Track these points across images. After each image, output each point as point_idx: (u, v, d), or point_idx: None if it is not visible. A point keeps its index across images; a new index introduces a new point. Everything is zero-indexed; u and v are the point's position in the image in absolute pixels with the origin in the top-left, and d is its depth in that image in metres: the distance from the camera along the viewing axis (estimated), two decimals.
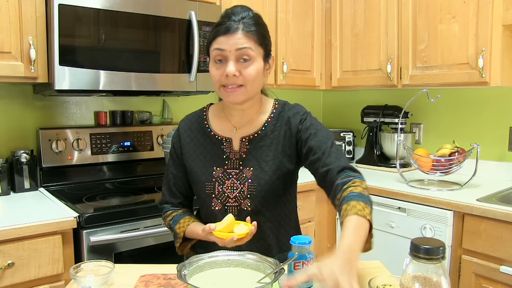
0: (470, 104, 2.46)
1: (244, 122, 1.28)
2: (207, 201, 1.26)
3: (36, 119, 2.14)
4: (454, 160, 2.07)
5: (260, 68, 1.19)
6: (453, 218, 1.86)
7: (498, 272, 1.70)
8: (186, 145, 1.31)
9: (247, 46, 1.15)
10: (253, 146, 1.26)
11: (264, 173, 1.23)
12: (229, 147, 1.27)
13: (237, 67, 1.16)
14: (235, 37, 1.15)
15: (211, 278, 0.99)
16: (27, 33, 1.74)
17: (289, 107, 1.30)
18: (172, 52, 2.07)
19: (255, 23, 1.18)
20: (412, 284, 0.83)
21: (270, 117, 1.28)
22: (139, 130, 2.36)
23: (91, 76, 1.83)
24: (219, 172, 1.25)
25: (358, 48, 2.58)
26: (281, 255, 1.29)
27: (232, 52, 1.15)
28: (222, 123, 1.30)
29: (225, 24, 1.16)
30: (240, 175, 1.24)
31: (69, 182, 2.15)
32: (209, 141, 1.29)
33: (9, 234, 1.45)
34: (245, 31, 1.16)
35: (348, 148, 2.94)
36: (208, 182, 1.25)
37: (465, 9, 2.06)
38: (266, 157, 1.24)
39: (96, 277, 1.05)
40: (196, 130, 1.32)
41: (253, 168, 1.24)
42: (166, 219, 1.36)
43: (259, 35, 1.19)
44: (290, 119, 1.26)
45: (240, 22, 1.16)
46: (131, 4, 1.91)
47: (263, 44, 1.21)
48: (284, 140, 1.25)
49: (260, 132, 1.27)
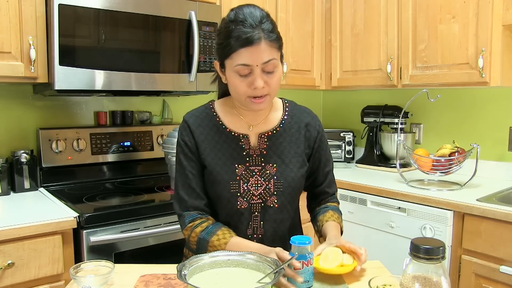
0: (470, 104, 2.46)
1: (258, 120, 1.27)
2: (231, 200, 1.20)
3: (36, 119, 2.14)
4: (454, 160, 2.07)
5: (281, 73, 1.20)
6: (453, 218, 1.86)
7: (498, 272, 1.70)
8: (201, 143, 1.23)
9: (272, 58, 1.12)
10: (272, 143, 1.25)
11: (290, 170, 1.24)
12: (247, 143, 1.24)
13: (263, 78, 1.13)
14: (259, 49, 1.10)
15: (211, 278, 0.99)
16: (27, 33, 1.74)
17: (302, 107, 1.35)
18: (172, 52, 2.07)
19: (273, 28, 1.14)
20: (412, 284, 0.83)
21: (284, 114, 1.30)
22: (139, 130, 2.36)
23: (91, 76, 1.83)
24: (241, 170, 1.22)
25: (358, 48, 2.58)
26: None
27: (259, 66, 1.11)
28: (235, 120, 1.26)
29: (244, 34, 1.08)
30: (263, 172, 1.22)
31: (69, 182, 2.15)
32: (225, 138, 1.24)
33: (9, 234, 1.45)
34: (268, 40, 1.11)
35: (348, 148, 2.94)
36: (233, 181, 1.20)
37: (465, 9, 2.06)
38: (288, 154, 1.25)
39: (96, 277, 1.05)
40: (207, 127, 1.25)
41: (276, 165, 1.23)
42: (192, 230, 1.20)
43: (278, 39, 1.16)
44: (310, 122, 1.31)
45: (259, 29, 1.10)
46: (131, 4, 1.91)
47: (281, 48, 1.19)
48: (305, 139, 1.29)
49: (279, 129, 1.27)
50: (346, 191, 2.29)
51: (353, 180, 2.29)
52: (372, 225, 2.16)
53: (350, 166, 2.83)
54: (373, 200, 2.16)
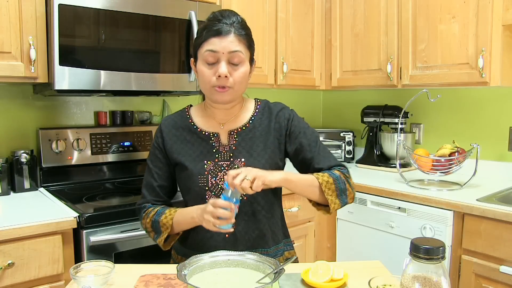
0: (470, 104, 2.46)
1: (228, 119, 1.33)
2: (200, 194, 1.27)
3: (36, 119, 2.14)
4: (454, 160, 2.07)
5: (247, 71, 1.26)
6: (453, 218, 1.86)
7: (498, 272, 1.71)
8: (173, 143, 1.31)
9: (238, 50, 1.21)
10: (242, 138, 1.30)
11: (257, 163, 1.26)
12: (217, 141, 1.30)
13: (228, 68, 1.21)
14: (228, 39, 1.19)
15: (211, 278, 0.99)
16: (27, 33, 1.74)
17: (272, 103, 1.38)
18: (172, 52, 2.07)
19: (244, 27, 1.24)
20: (412, 284, 0.83)
21: (255, 112, 1.35)
22: (139, 130, 2.36)
23: (91, 76, 1.83)
24: (210, 166, 1.27)
25: (358, 48, 2.58)
26: (276, 247, 1.32)
27: (225, 54, 1.20)
28: (207, 121, 1.34)
29: (216, 26, 1.20)
30: (231, 167, 1.26)
31: (69, 182, 2.15)
32: (196, 137, 1.31)
33: (9, 234, 1.45)
34: (237, 34, 1.21)
35: (348, 148, 2.94)
36: (201, 175, 1.26)
37: (465, 9, 2.06)
38: (257, 148, 1.29)
39: (96, 277, 1.05)
40: (180, 128, 1.34)
41: (244, 159, 1.27)
42: (147, 216, 1.30)
43: (248, 39, 1.25)
44: (279, 113, 1.33)
45: (231, 26, 1.21)
46: (131, 4, 1.91)
47: (251, 48, 1.27)
48: (274, 132, 1.32)
49: (248, 125, 1.32)
50: None
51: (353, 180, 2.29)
52: (372, 225, 2.16)
53: (350, 166, 2.80)
54: (373, 200, 2.16)
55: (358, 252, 2.25)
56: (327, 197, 1.24)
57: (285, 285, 1.09)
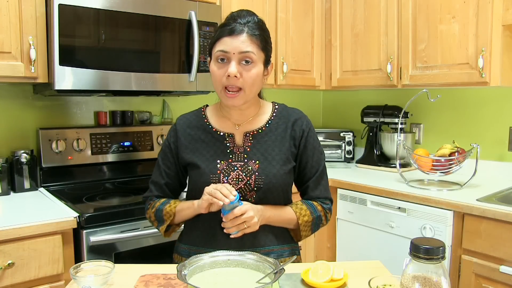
0: (470, 104, 2.46)
1: (244, 120, 1.32)
2: None
3: (36, 119, 2.14)
4: (454, 160, 2.07)
5: (260, 72, 1.24)
6: (453, 218, 1.86)
7: (498, 272, 1.70)
8: (188, 143, 1.32)
9: (250, 50, 1.20)
10: (257, 141, 1.30)
11: (272, 167, 1.26)
12: (232, 141, 1.30)
13: (238, 69, 1.20)
14: (239, 39, 1.19)
15: (211, 278, 0.99)
16: (27, 33, 1.74)
17: (291, 108, 1.37)
18: (172, 52, 2.07)
19: (259, 28, 1.23)
20: (412, 284, 0.83)
21: (272, 115, 1.34)
22: (139, 130, 2.36)
23: (91, 76, 1.83)
24: (223, 165, 1.27)
25: (358, 48, 2.58)
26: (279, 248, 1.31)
27: (236, 54, 1.19)
28: (222, 121, 1.34)
29: (230, 26, 1.20)
30: (245, 168, 1.26)
31: (69, 182, 2.15)
32: (211, 137, 1.31)
33: (9, 234, 1.45)
34: (249, 34, 1.20)
35: (348, 148, 2.94)
36: (213, 174, 1.26)
37: (465, 9, 2.06)
38: (272, 152, 1.29)
39: (96, 277, 1.05)
40: (195, 127, 1.34)
41: (259, 162, 1.27)
42: (153, 206, 1.34)
43: (262, 40, 1.23)
44: (297, 121, 1.33)
45: (245, 25, 1.20)
46: (131, 4, 1.91)
47: (265, 49, 1.25)
48: (290, 139, 1.31)
49: (264, 128, 1.31)
50: (346, 191, 2.29)
51: (353, 180, 2.29)
52: (372, 225, 2.16)
53: (350, 166, 2.83)
54: (373, 200, 2.16)
55: (358, 252, 2.25)
56: (301, 233, 1.32)
57: (285, 285, 1.09)
